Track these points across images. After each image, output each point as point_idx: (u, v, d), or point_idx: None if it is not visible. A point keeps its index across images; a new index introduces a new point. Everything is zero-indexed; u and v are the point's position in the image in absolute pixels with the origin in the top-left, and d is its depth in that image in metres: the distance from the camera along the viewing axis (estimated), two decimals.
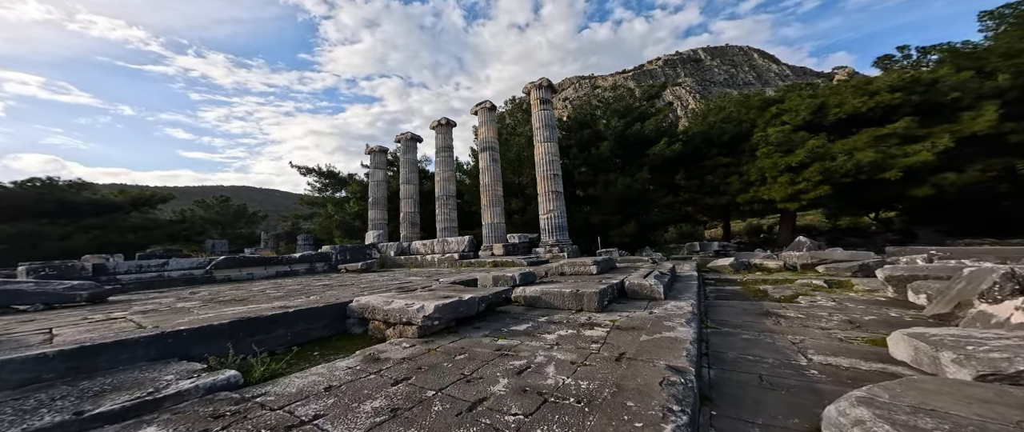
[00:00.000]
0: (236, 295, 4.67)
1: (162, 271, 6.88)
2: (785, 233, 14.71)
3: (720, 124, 13.67)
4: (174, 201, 27.45)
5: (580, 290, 3.36)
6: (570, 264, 5.06)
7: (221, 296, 4.65)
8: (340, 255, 10.11)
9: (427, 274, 6.68)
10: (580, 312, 3.32)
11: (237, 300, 4.12)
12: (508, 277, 4.11)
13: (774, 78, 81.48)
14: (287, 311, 3.00)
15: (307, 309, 3.12)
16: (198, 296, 4.79)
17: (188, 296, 4.84)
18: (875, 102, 8.92)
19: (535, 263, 7.47)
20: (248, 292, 4.99)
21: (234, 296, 4.55)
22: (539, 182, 10.71)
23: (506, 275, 4.14)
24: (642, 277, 4.41)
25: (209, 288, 6.07)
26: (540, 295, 3.64)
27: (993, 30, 9.41)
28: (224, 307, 3.58)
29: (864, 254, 5.71)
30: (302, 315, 3.07)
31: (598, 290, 3.31)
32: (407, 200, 14.69)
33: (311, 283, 6.15)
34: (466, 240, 9.40)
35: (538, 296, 3.66)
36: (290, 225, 25.41)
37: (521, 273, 4.18)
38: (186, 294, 5.16)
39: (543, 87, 10.95)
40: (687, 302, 3.30)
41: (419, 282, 5.12)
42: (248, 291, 5.14)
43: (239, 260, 7.93)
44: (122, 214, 19.99)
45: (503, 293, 3.61)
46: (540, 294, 3.65)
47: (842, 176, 8.81)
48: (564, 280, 4.45)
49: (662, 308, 3.14)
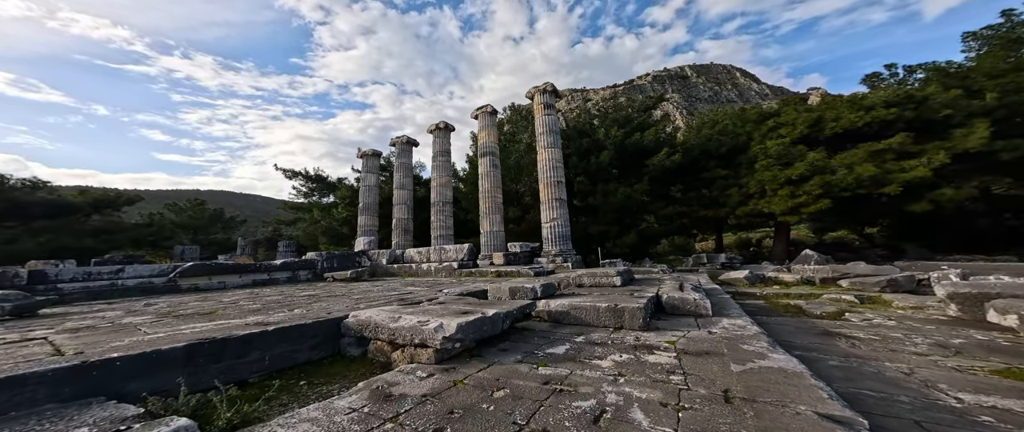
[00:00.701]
0: (201, 308, 3.94)
1: (115, 279, 5.97)
2: (779, 246, 14.78)
3: (717, 137, 13.78)
4: (143, 204, 25.59)
5: (618, 305, 2.88)
6: (589, 275, 4.58)
7: (182, 309, 3.91)
8: (327, 262, 9.31)
9: (426, 284, 6.06)
10: (619, 331, 2.83)
11: (202, 314, 3.41)
12: (528, 289, 3.59)
13: (754, 96, 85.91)
14: (266, 330, 2.38)
15: (292, 327, 2.50)
16: (153, 309, 4.02)
17: (141, 309, 4.06)
18: (871, 117, 9.11)
19: (541, 273, 6.96)
20: (217, 304, 4.25)
21: (198, 309, 3.82)
22: (542, 189, 10.31)
23: (525, 287, 3.63)
24: (675, 289, 3.98)
25: (170, 299, 5.24)
26: (568, 310, 3.14)
27: (975, 50, 9.91)
28: (183, 323, 2.89)
29: (888, 269, 5.52)
30: (285, 334, 2.45)
31: (639, 305, 2.84)
32: (400, 206, 14.00)
33: (294, 293, 5.42)
34: (465, 248, 8.81)
35: (566, 311, 3.15)
36: (271, 231, 24.00)
37: (542, 284, 3.67)
38: (139, 306, 4.36)
39: (547, 91, 10.72)
40: (744, 319, 2.87)
41: (422, 294, 4.52)
42: (217, 303, 4.39)
43: (209, 267, 7.06)
44: (81, 216, 18.31)
45: (527, 308, 3.09)
46: (568, 308, 3.14)
47: (842, 190, 8.86)
48: (586, 293, 3.97)
49: (720, 327, 2.69)
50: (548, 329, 3.04)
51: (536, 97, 10.92)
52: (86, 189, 20.16)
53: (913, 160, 8.42)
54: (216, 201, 40.43)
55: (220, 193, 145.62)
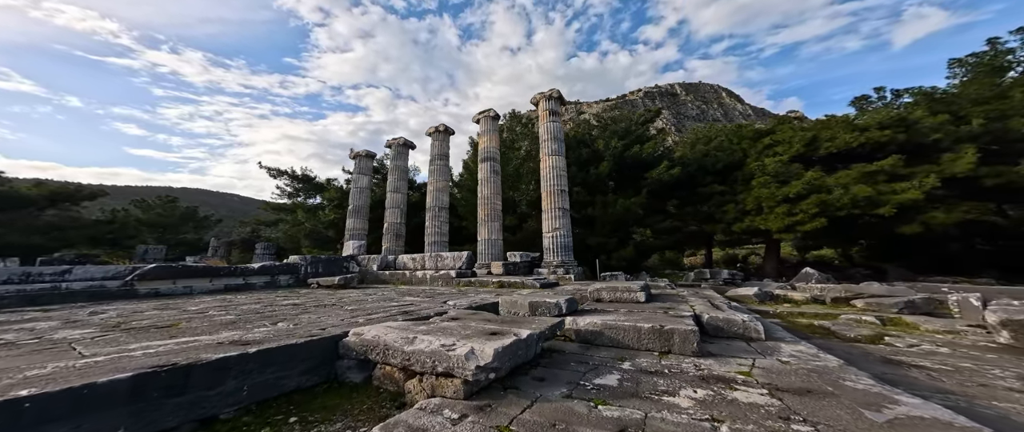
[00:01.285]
0: (160, 318, 3.30)
1: (59, 282, 5.14)
2: (771, 263, 14.96)
3: (714, 152, 13.97)
4: (108, 200, 23.66)
5: (665, 326, 2.52)
6: (608, 289, 4.21)
7: (136, 319, 3.26)
8: (311, 267, 8.58)
9: (425, 295, 5.52)
10: (668, 356, 2.45)
11: (160, 327, 2.81)
12: (551, 304, 3.18)
13: (738, 116, 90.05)
14: (246, 352, 1.86)
15: (280, 348, 1.99)
16: (100, 319, 3.34)
17: (84, 319, 3.37)
18: (865, 138, 9.39)
19: (547, 285, 6.55)
20: (180, 313, 3.61)
21: (156, 320, 3.20)
22: (544, 198, 9.99)
23: (547, 302, 3.21)
24: (711, 307, 3.66)
25: (123, 306, 4.51)
26: (601, 329, 2.75)
27: (960, 77, 10.46)
28: (133, 340, 2.31)
29: (902, 290, 5.45)
30: (270, 357, 1.94)
31: (689, 327, 2.48)
32: (393, 210, 13.37)
33: (275, 302, 4.78)
34: (463, 256, 8.31)
35: (598, 331, 2.75)
36: (249, 231, 22.59)
37: (566, 299, 3.27)
38: (83, 315, 3.66)
39: (553, 98, 10.55)
40: (806, 344, 2.55)
41: (424, 305, 4.02)
42: (181, 312, 3.74)
43: (174, 270, 6.27)
44: (33, 211, 16.64)
45: (556, 326, 2.68)
46: (602, 328, 2.75)
47: (837, 209, 8.99)
48: (611, 309, 3.59)
49: (788, 355, 2.35)
50: (580, 351, 2.63)
51: (541, 103, 10.73)
52: (42, 181, 18.44)
53: (905, 182, 8.66)
54: (190, 199, 38.14)
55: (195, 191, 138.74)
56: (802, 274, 7.95)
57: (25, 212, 15.85)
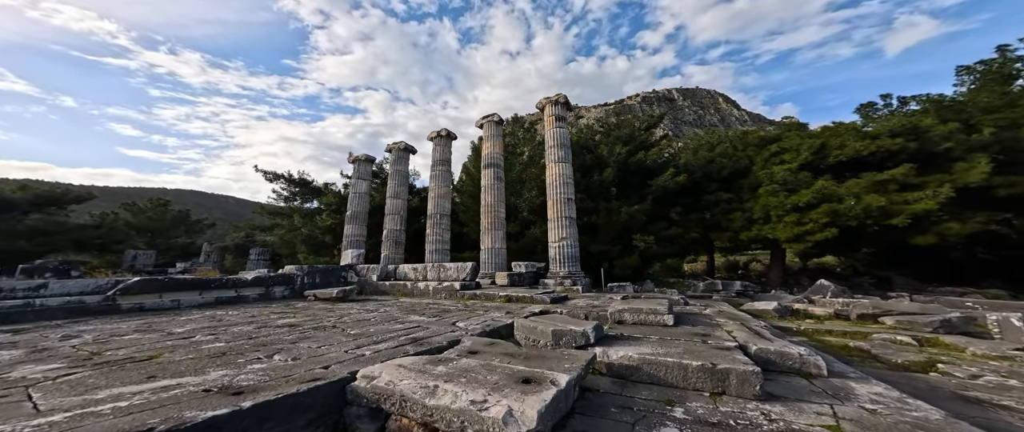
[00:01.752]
0: (141, 345, 2.93)
1: (33, 298, 4.72)
2: (775, 271, 14.76)
3: (719, 159, 13.81)
4: (98, 202, 23.00)
5: (717, 365, 2.20)
6: (631, 311, 3.89)
7: (112, 346, 2.89)
8: (308, 278, 8.19)
9: (431, 311, 5.17)
10: (721, 397, 2.14)
11: (137, 360, 2.45)
12: (577, 333, 2.86)
13: (735, 121, 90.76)
14: (239, 409, 1.52)
15: (278, 399, 1.66)
16: (70, 347, 2.96)
17: (53, 346, 2.99)
18: (876, 146, 9.26)
19: (558, 299, 6.22)
20: (164, 338, 3.24)
21: (135, 348, 2.83)
22: (550, 206, 9.71)
23: (573, 330, 2.89)
24: (752, 335, 3.36)
25: (102, 326, 4.12)
26: (639, 365, 2.44)
27: (968, 85, 10.39)
28: (105, 381, 1.96)
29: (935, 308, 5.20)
30: (268, 412, 1.61)
31: (747, 367, 2.16)
32: (393, 216, 13.00)
33: (269, 320, 4.41)
34: (468, 267, 7.97)
35: (636, 366, 2.44)
36: (243, 236, 22.03)
37: (593, 327, 2.95)
38: (53, 339, 3.27)
39: (559, 103, 10.31)
40: (881, 385, 2.25)
41: (433, 328, 3.67)
42: (164, 335, 3.37)
43: (160, 283, 5.87)
44: (16, 215, 16.04)
45: (590, 363, 2.37)
46: (639, 363, 2.44)
47: (849, 219, 8.81)
48: (639, 335, 3.28)
49: (869, 398, 2.05)
50: (615, 390, 2.32)
51: (547, 108, 10.49)
52: (27, 183, 17.83)
53: (917, 192, 8.50)
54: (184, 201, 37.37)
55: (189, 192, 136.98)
56: (817, 286, 7.71)
57: (8, 216, 15.25)
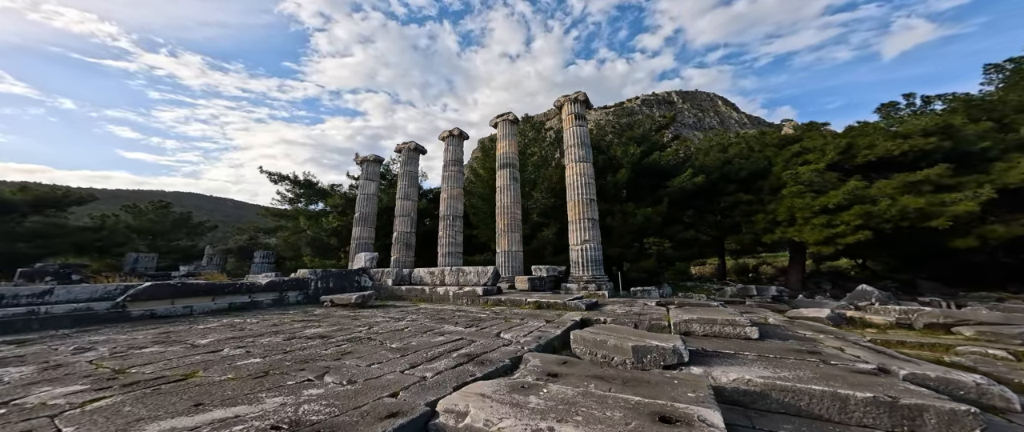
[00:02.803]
0: (167, 359, 2.59)
1: (37, 305, 4.37)
2: (795, 275, 14.45)
3: (736, 160, 13.55)
4: (98, 204, 22.62)
5: (897, 399, 1.75)
6: (701, 321, 3.53)
7: (135, 364, 2.54)
8: (322, 282, 7.85)
9: (465, 320, 4.82)
10: None
11: (171, 380, 2.11)
12: (666, 349, 2.49)
13: (734, 124, 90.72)
14: None
15: None
16: (87, 363, 2.62)
17: (69, 360, 2.65)
18: (909, 146, 8.99)
19: (592, 306, 5.89)
20: (189, 352, 2.89)
21: (163, 364, 2.49)
22: (571, 207, 9.39)
23: (658, 346, 2.53)
24: (867, 351, 3.01)
25: (115, 336, 3.77)
26: (766, 390, 2.05)
27: (996, 83, 10.16)
28: (144, 409, 1.63)
29: (1020, 318, 4.83)
30: None
31: (956, 407, 1.72)
32: (403, 218, 12.67)
33: (295, 330, 4.07)
34: (489, 272, 7.63)
35: (762, 393, 2.05)
36: (247, 239, 21.64)
37: (681, 342, 2.59)
38: (65, 353, 2.92)
39: (578, 101, 10.03)
40: None
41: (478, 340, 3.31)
42: (189, 348, 3.02)
43: (173, 288, 5.52)
44: (16, 217, 15.67)
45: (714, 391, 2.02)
46: (766, 389, 2.05)
47: (883, 221, 8.52)
48: (729, 350, 2.92)
49: None
50: (745, 425, 1.93)
51: (565, 107, 10.20)
52: (27, 185, 17.45)
53: (956, 193, 8.23)
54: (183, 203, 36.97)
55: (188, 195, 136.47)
56: (859, 292, 7.39)
57: (7, 218, 14.87)
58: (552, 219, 14.91)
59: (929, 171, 8.58)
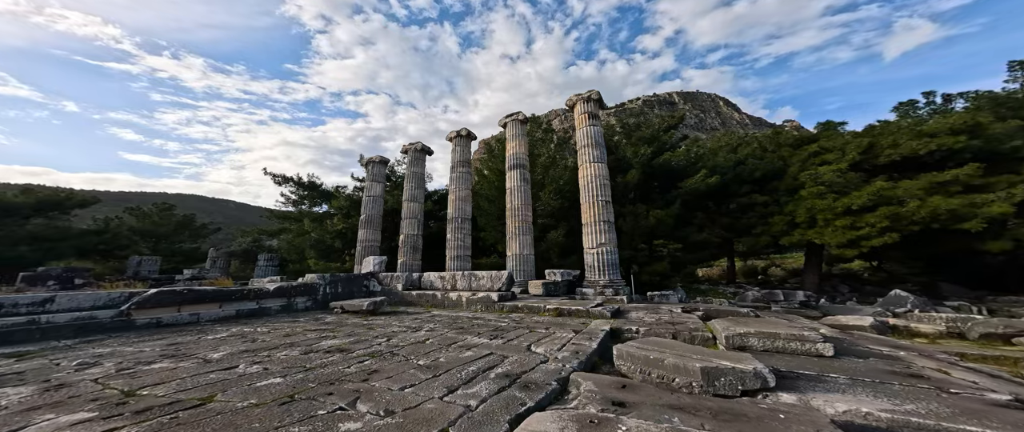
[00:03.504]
0: (181, 381, 2.33)
1: (37, 314, 4.14)
2: (812, 277, 14.13)
3: (750, 160, 13.28)
4: (101, 207, 22.48)
5: None
6: (761, 336, 3.12)
7: (147, 382, 2.29)
8: (330, 287, 7.61)
9: (487, 330, 4.56)
10: None
11: (187, 405, 1.86)
12: (744, 372, 2.16)
13: (736, 125, 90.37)
14: None
15: None
16: (95, 378, 2.37)
17: (72, 379, 2.40)
18: (936, 144, 8.71)
19: (618, 314, 5.63)
20: (203, 369, 2.63)
21: (178, 386, 2.24)
22: (585, 209, 9.13)
23: (734, 368, 2.21)
24: (971, 372, 2.72)
25: (122, 348, 3.54)
26: (897, 428, 1.76)
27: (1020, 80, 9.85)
28: None
29: None
30: None
31: None
32: (410, 220, 12.43)
33: (309, 340, 3.82)
34: (503, 276, 7.38)
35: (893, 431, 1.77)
36: (250, 241, 21.46)
37: (760, 363, 2.28)
38: (68, 370, 2.66)
39: (592, 100, 9.79)
40: None
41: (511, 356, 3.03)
42: (202, 365, 2.77)
43: (179, 295, 5.29)
44: (18, 220, 15.53)
45: None
46: (895, 424, 1.73)
47: (911, 223, 8.22)
48: (812, 371, 2.60)
49: None
50: None
51: (578, 106, 9.96)
52: (30, 187, 17.32)
53: (988, 194, 7.94)
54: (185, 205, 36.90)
55: (190, 197, 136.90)
56: (893, 297, 7.10)
57: (10, 221, 14.72)
58: (561, 221, 14.65)
59: (958, 171, 8.29)
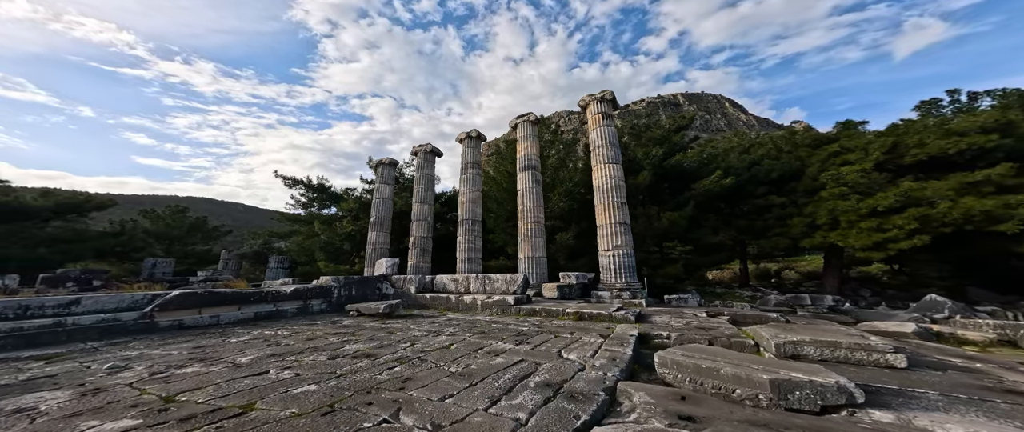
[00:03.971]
0: (217, 387, 2.27)
1: (64, 315, 4.14)
2: (832, 280, 13.75)
3: (766, 161, 13.02)
4: (115, 210, 22.93)
5: None
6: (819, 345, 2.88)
7: (181, 387, 2.24)
8: (345, 290, 7.58)
9: (504, 333, 4.45)
10: None
11: (230, 413, 1.80)
12: (826, 386, 1.93)
13: (742, 126, 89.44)
14: None
15: None
16: (130, 382, 2.32)
17: (107, 383, 2.35)
18: (966, 143, 8.42)
19: (641, 318, 5.48)
20: (235, 374, 2.57)
21: (214, 392, 2.17)
22: (600, 211, 8.99)
23: (813, 382, 2.00)
24: None
25: (149, 351, 3.51)
26: None
27: None
28: None
29: None
30: None
31: None
32: (420, 223, 12.40)
33: (331, 344, 3.76)
34: (519, 279, 7.28)
35: None
36: (261, 243, 21.69)
37: (844, 378, 2.08)
38: (101, 373, 2.61)
39: (605, 100, 9.67)
40: None
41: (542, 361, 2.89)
42: (232, 369, 2.71)
43: (200, 297, 5.29)
44: (37, 222, 15.87)
45: None
46: None
47: (943, 225, 7.93)
48: (893, 385, 2.40)
49: None
50: None
51: (591, 106, 9.86)
52: (49, 191, 17.72)
53: (1021, 195, 7.61)
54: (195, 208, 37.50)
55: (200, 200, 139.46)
56: (928, 302, 6.83)
57: (26, 224, 15.04)
58: (570, 223, 14.52)
59: (990, 171, 7.97)
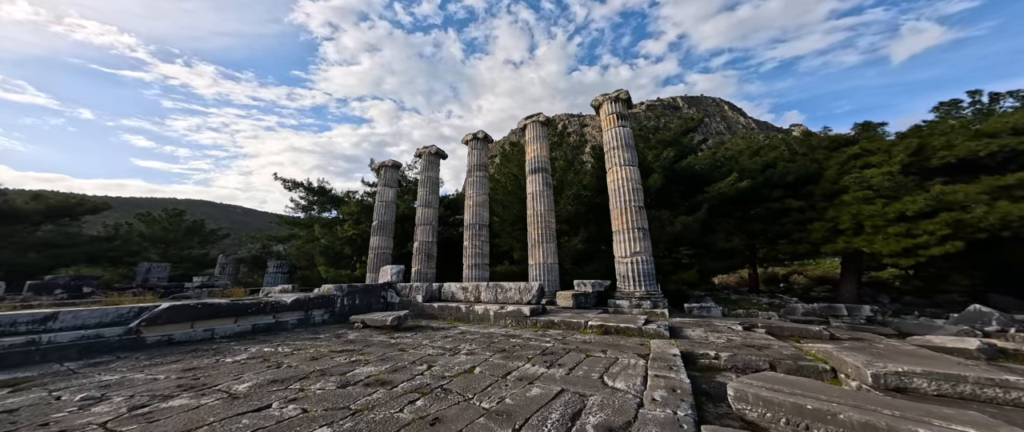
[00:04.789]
0: (207, 424, 1.83)
1: (38, 333, 3.69)
2: (850, 286, 13.33)
3: (781, 163, 12.67)
4: (112, 213, 22.43)
5: None
6: (930, 376, 2.36)
7: (164, 427, 1.80)
8: (348, 299, 7.13)
9: (527, 351, 4.00)
10: None
11: None
12: None
13: (742, 129, 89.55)
14: None
15: None
16: (100, 423, 1.88)
17: (72, 423, 1.91)
18: (997, 145, 8.09)
19: (673, 332, 5.04)
20: (231, 409, 2.11)
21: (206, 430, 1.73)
22: (616, 216, 8.59)
23: None
24: None
25: (131, 376, 3.06)
26: None
27: None
28: None
29: None
30: None
31: None
32: (424, 227, 11.96)
33: (339, 367, 3.30)
34: (534, 288, 6.84)
35: None
36: (259, 247, 21.18)
37: None
38: (71, 405, 2.14)
39: (620, 100, 9.31)
40: None
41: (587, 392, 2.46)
42: (228, 402, 2.25)
43: (192, 310, 4.83)
44: (28, 226, 15.37)
45: None
46: None
47: (978, 230, 7.57)
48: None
49: None
50: None
51: (604, 106, 9.49)
52: (40, 194, 17.23)
53: None
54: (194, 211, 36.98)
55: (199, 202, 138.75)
56: (972, 312, 6.42)
57: (15, 228, 14.55)
58: (579, 227, 14.12)
59: (1022, 174, 7.63)
